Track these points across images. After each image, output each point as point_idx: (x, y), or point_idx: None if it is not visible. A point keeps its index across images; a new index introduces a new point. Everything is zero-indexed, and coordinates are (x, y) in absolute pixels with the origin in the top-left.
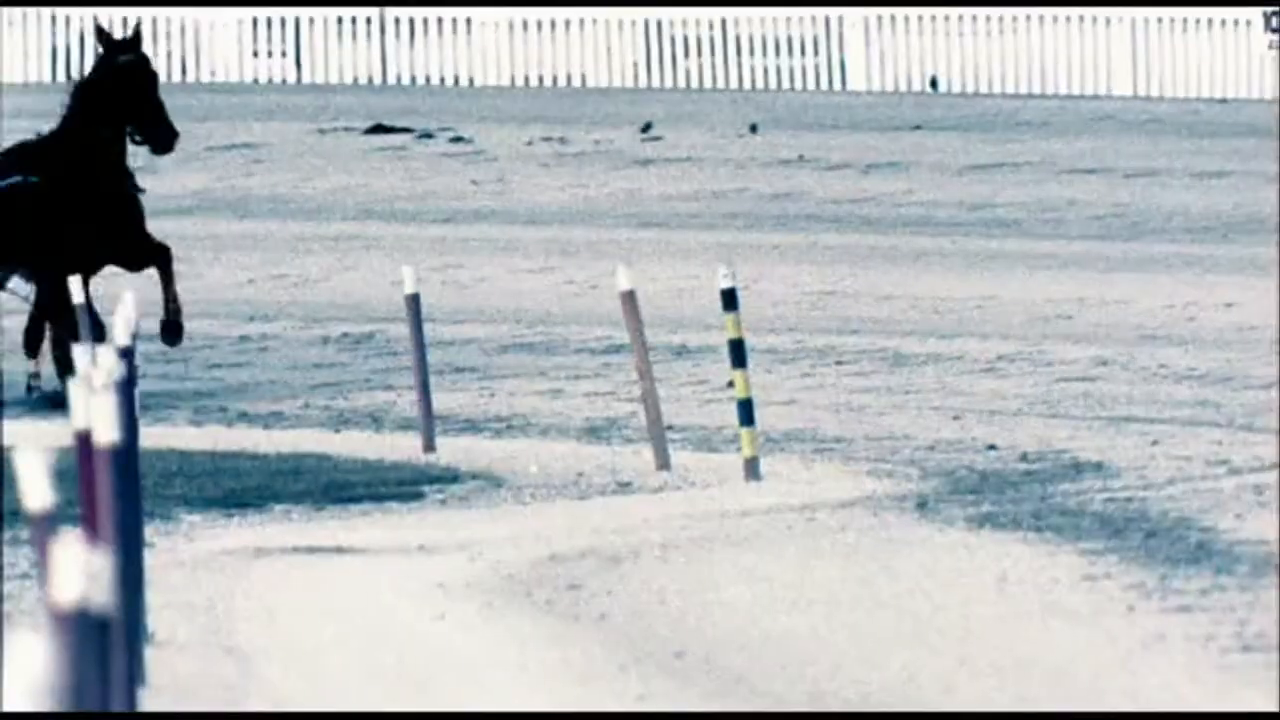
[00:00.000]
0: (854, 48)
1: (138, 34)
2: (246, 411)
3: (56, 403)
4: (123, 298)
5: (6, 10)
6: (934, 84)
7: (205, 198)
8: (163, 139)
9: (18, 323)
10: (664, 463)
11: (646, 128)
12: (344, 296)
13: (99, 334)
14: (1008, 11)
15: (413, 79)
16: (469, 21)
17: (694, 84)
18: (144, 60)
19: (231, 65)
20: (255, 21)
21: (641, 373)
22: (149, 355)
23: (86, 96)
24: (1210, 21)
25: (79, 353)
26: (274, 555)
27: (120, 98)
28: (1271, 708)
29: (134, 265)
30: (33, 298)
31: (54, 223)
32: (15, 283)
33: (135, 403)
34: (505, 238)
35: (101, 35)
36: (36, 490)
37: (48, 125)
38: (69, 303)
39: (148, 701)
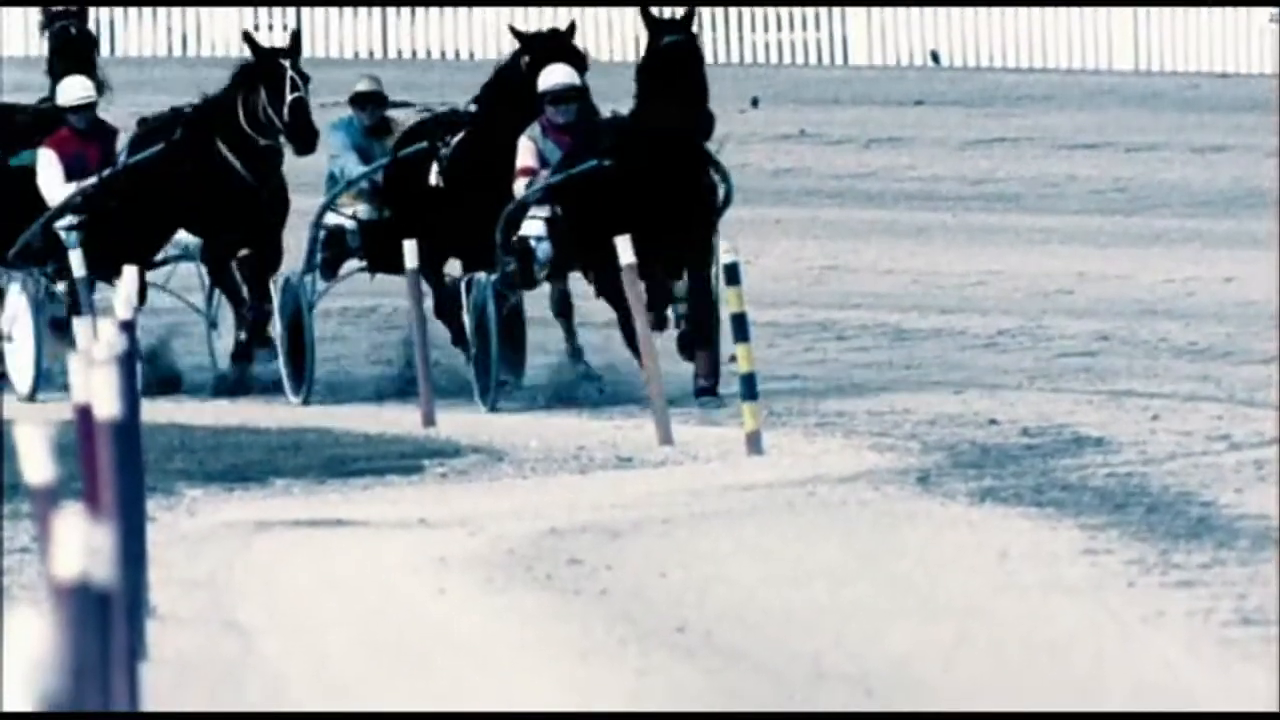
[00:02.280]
0: (855, 22)
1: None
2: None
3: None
4: (124, 273)
5: None
6: (935, 58)
7: None
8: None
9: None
10: (666, 437)
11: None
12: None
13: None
14: None
15: (414, 53)
16: None
17: None
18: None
19: (232, 40)
20: None
21: (644, 344)
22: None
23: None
24: None
25: (80, 325)
26: (275, 529)
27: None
28: (1271, 682)
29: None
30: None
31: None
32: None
33: (137, 377)
34: None
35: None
36: (38, 464)
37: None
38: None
39: (149, 676)
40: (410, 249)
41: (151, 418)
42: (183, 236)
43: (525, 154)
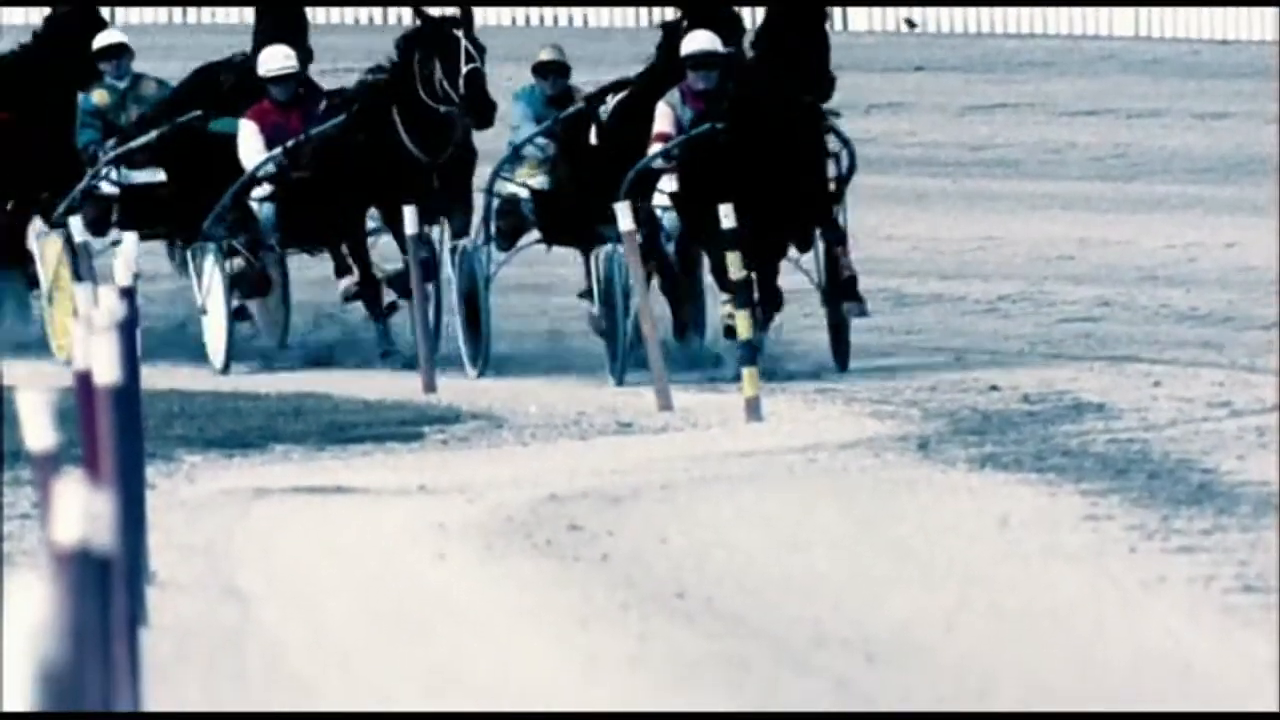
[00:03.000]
0: None
1: None
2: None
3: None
4: (124, 238)
5: None
6: (910, 24)
7: None
8: None
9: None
10: (665, 403)
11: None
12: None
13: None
14: None
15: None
16: None
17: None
18: None
19: (231, 7)
20: None
21: (644, 313)
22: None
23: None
24: None
25: (81, 292)
26: (274, 496)
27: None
28: (1272, 649)
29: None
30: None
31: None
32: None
33: (137, 343)
34: None
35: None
36: (38, 430)
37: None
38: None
39: (149, 642)
40: (410, 214)
41: (151, 384)
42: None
43: (662, 119)
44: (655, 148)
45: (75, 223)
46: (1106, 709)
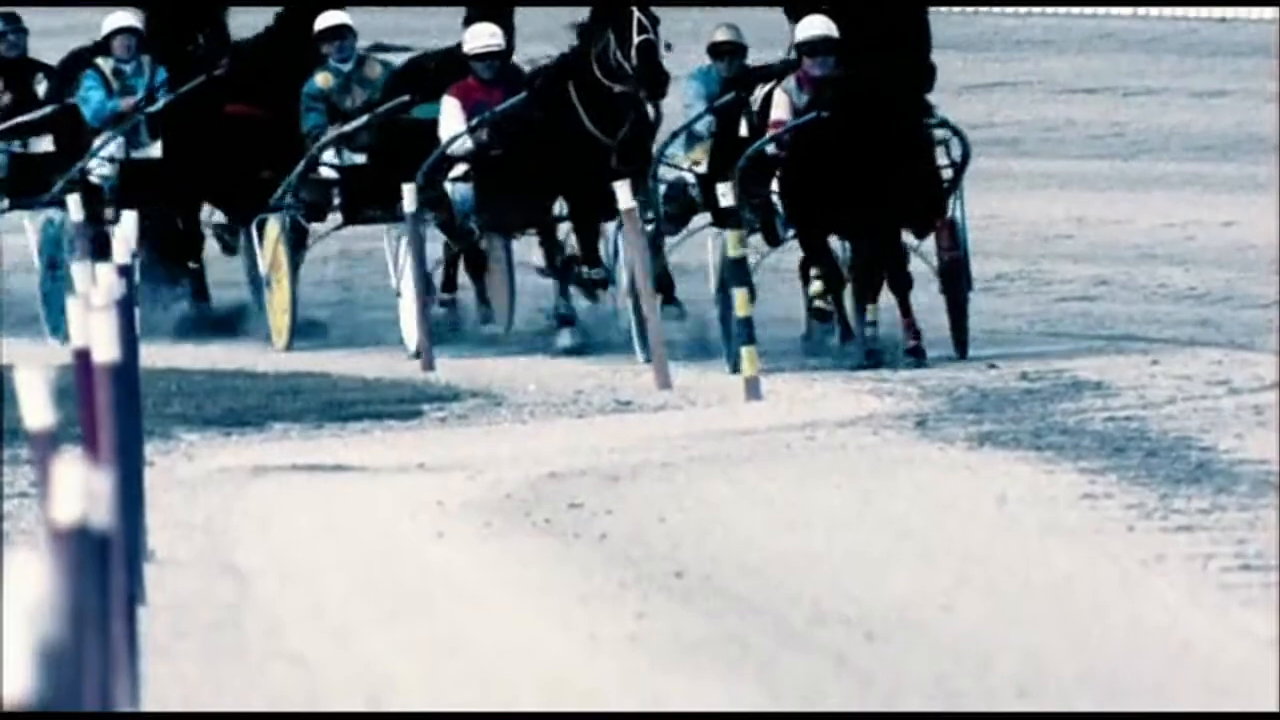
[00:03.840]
0: None
1: None
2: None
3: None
4: (122, 217)
5: None
6: None
7: None
8: None
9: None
10: (664, 381)
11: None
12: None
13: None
14: None
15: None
16: None
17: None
18: None
19: None
20: None
21: (643, 291)
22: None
23: None
24: None
25: (80, 271)
26: (273, 474)
27: None
28: (1271, 627)
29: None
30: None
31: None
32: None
33: (135, 321)
34: None
35: None
36: (36, 409)
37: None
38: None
39: (147, 620)
40: (409, 192)
41: (149, 362)
42: None
43: (779, 107)
44: (770, 135)
45: (73, 201)
46: (1104, 687)
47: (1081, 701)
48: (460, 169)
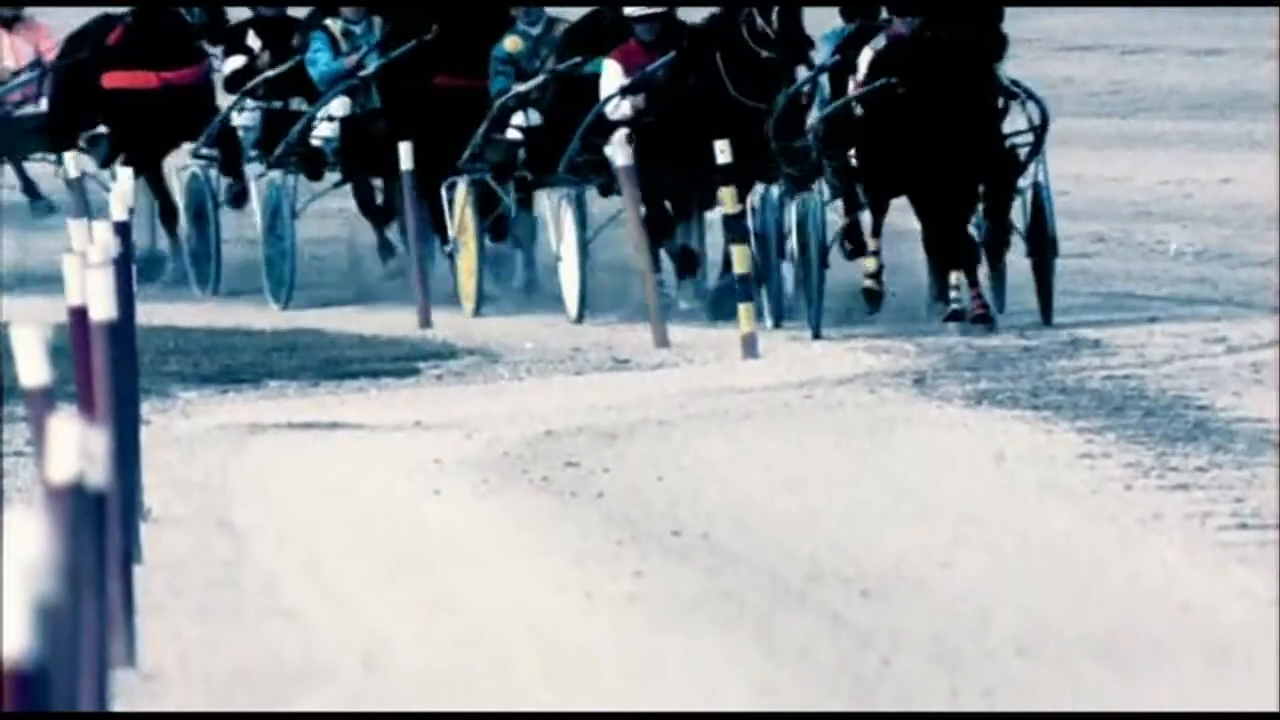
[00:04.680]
0: None
1: None
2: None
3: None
4: (119, 173)
5: None
6: None
7: None
8: None
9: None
10: (662, 339)
11: None
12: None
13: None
14: None
15: None
16: None
17: None
18: None
19: None
20: None
21: (639, 247)
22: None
23: None
24: None
25: (76, 228)
26: (269, 431)
27: None
28: (1270, 585)
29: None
30: None
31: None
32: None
33: (132, 278)
34: None
35: None
36: (33, 366)
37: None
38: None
39: (143, 578)
40: (405, 151)
41: (146, 320)
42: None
43: (864, 66)
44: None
45: (69, 159)
46: (1102, 645)
47: (1080, 659)
48: (621, 132)
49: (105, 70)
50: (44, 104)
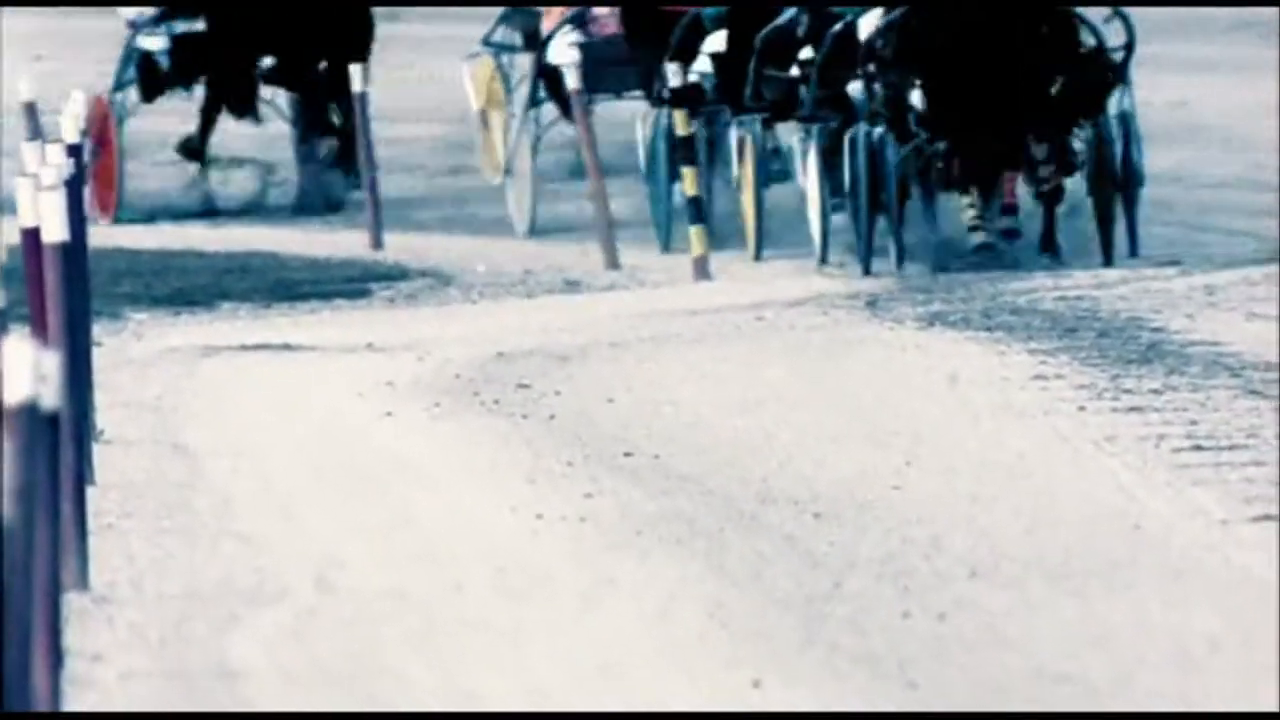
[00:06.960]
0: None
1: None
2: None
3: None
4: (72, 95)
5: None
6: None
7: None
8: None
9: None
10: (613, 262)
11: None
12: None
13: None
14: None
15: None
16: None
17: None
18: None
19: None
20: None
21: (591, 170)
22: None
23: None
24: None
25: (30, 150)
26: (222, 353)
27: None
28: (1222, 507)
29: None
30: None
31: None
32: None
33: (83, 200)
34: (453, 35)
35: None
36: None
37: None
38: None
39: (96, 499)
40: (355, 73)
41: (97, 242)
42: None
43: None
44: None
45: (20, 83)
46: (1056, 567)
47: (1033, 581)
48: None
49: None
50: None
